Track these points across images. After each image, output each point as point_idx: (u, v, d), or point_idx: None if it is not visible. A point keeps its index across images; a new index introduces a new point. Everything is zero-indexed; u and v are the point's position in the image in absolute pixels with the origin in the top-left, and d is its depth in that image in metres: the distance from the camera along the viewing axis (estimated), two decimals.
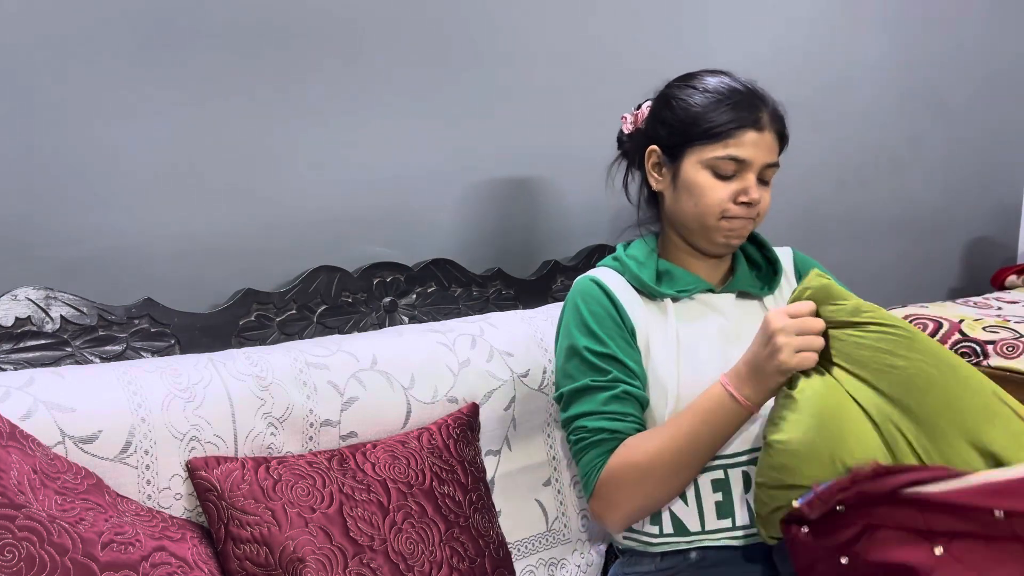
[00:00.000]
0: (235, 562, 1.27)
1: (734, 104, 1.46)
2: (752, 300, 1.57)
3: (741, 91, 1.47)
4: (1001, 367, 2.21)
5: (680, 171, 1.49)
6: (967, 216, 3.00)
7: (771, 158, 1.48)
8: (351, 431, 1.47)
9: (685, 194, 1.49)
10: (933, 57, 2.77)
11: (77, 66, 1.45)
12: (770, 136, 1.47)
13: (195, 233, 1.58)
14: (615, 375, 1.45)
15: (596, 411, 1.44)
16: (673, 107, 1.50)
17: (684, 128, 1.48)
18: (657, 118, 1.53)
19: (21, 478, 1.12)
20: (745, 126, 1.45)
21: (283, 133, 1.65)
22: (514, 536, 1.59)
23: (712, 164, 1.46)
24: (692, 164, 1.48)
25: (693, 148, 1.47)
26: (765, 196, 1.49)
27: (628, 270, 1.53)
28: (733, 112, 1.45)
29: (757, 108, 1.46)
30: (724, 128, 1.45)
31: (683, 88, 1.51)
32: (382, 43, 1.74)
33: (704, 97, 1.47)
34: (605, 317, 1.48)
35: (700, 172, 1.47)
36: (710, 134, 1.45)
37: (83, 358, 1.41)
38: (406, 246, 1.79)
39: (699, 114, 1.47)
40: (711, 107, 1.46)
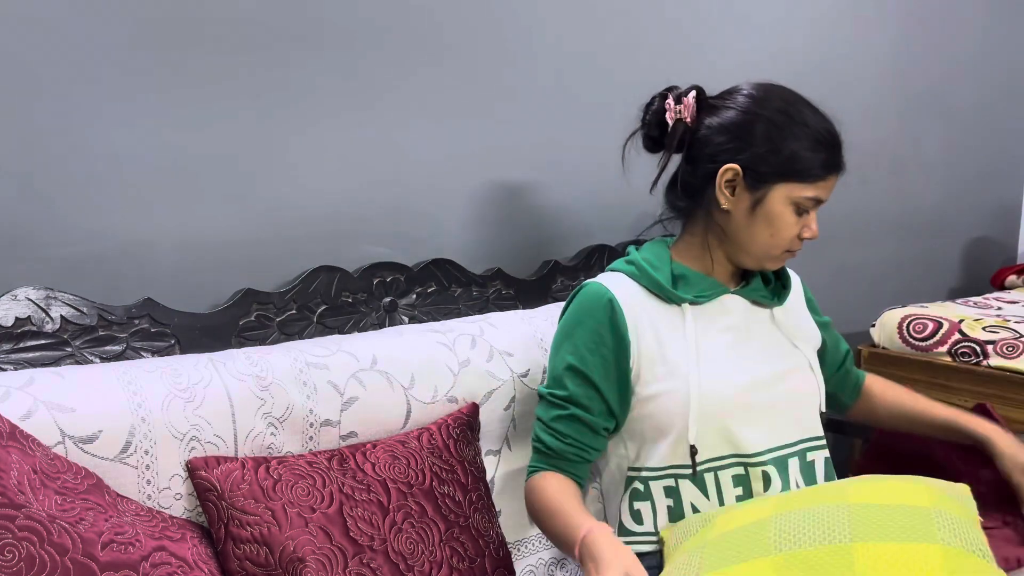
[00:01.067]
0: (235, 562, 1.27)
1: (829, 148, 1.47)
2: (762, 308, 1.58)
3: (832, 130, 1.49)
4: (1001, 367, 2.21)
5: (764, 201, 1.47)
6: (967, 216, 3.00)
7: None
8: (351, 431, 1.47)
9: (763, 224, 1.48)
10: (933, 57, 2.77)
11: (77, 66, 1.45)
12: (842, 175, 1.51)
13: (195, 233, 1.58)
14: (571, 394, 1.47)
15: (544, 422, 1.50)
16: (773, 137, 1.46)
17: (780, 162, 1.45)
18: (748, 139, 1.47)
19: (21, 478, 1.12)
20: (834, 172, 1.48)
21: (283, 133, 1.65)
22: (514, 536, 1.59)
23: (798, 202, 1.47)
24: (779, 198, 1.46)
25: (784, 184, 1.46)
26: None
27: (645, 274, 1.52)
28: (827, 155, 1.47)
29: (840, 149, 1.49)
30: (820, 172, 1.46)
31: (785, 117, 1.47)
32: (382, 43, 1.74)
33: (807, 135, 1.46)
34: (595, 335, 1.48)
35: (786, 208, 1.47)
36: (805, 175, 1.46)
37: (83, 358, 1.41)
38: (406, 246, 1.79)
39: (798, 152, 1.45)
40: (812, 148, 1.46)
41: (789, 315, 1.60)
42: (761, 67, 2.28)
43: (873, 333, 2.44)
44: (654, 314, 1.50)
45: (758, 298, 1.57)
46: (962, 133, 2.91)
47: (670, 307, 1.51)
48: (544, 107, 1.97)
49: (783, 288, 1.60)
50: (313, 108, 1.68)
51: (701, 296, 1.52)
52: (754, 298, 1.57)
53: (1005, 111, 3.04)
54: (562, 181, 2.00)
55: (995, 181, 3.08)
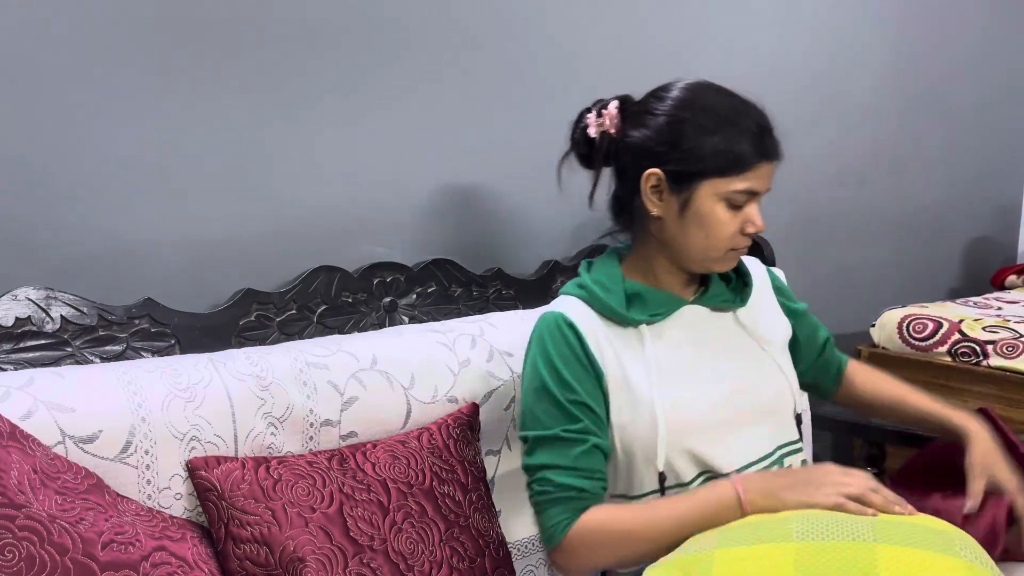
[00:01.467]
0: (235, 562, 1.27)
1: (754, 135, 1.38)
2: (724, 313, 1.52)
3: (754, 116, 1.40)
4: (1001, 367, 2.21)
5: (691, 201, 1.40)
6: (967, 216, 3.00)
7: (770, 183, 1.43)
8: (351, 431, 1.47)
9: (695, 225, 1.41)
10: (933, 57, 2.77)
11: (77, 66, 1.45)
12: (776, 162, 1.42)
13: (195, 233, 1.58)
14: (586, 425, 1.39)
15: (566, 466, 1.38)
16: (686, 133, 1.39)
17: (700, 158, 1.38)
18: (662, 140, 1.41)
19: (21, 478, 1.12)
20: (764, 158, 1.39)
21: (283, 133, 1.65)
22: (514, 536, 1.59)
23: (728, 197, 1.39)
24: (706, 195, 1.39)
25: (710, 180, 1.38)
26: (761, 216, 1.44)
27: (596, 299, 1.45)
28: (752, 143, 1.38)
29: (770, 135, 1.40)
30: (746, 162, 1.37)
31: (695, 111, 1.41)
32: (382, 44, 1.74)
33: (723, 126, 1.38)
34: (573, 360, 1.41)
35: (716, 204, 1.39)
36: (730, 168, 1.37)
37: (83, 358, 1.41)
38: (406, 246, 1.79)
39: (718, 145, 1.37)
40: (732, 138, 1.37)
41: (753, 314, 1.53)
42: (761, 68, 2.28)
43: (873, 333, 2.44)
44: (613, 338, 1.44)
45: (718, 304, 1.50)
46: (962, 133, 2.91)
47: (627, 330, 1.45)
48: (544, 107, 1.97)
49: (745, 286, 1.53)
50: (313, 108, 1.68)
51: (656, 315, 1.46)
52: (714, 304, 1.50)
53: (1005, 111, 3.04)
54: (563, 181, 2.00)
55: (995, 181, 3.08)
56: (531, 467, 1.42)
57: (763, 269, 1.64)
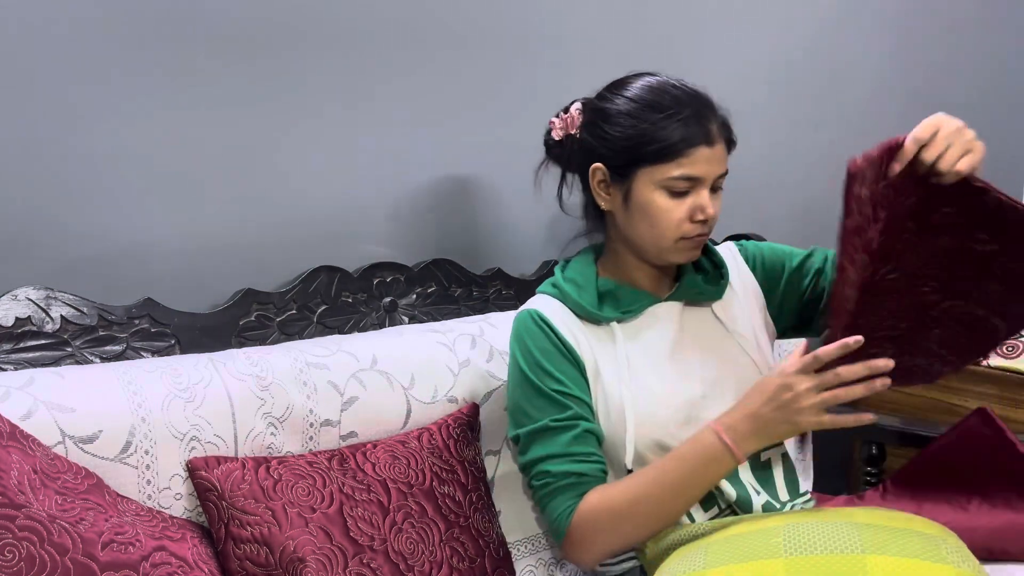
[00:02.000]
0: (235, 562, 1.27)
1: (684, 119, 1.37)
2: (700, 307, 1.51)
3: (686, 102, 1.38)
4: (1001, 367, 2.21)
5: (631, 192, 1.41)
6: None
7: (722, 168, 1.40)
8: (351, 431, 1.47)
9: (638, 216, 1.41)
10: (933, 57, 2.77)
11: (77, 66, 1.45)
12: (720, 147, 1.39)
13: (195, 233, 1.58)
14: (575, 411, 1.41)
15: (560, 453, 1.40)
16: (615, 123, 1.41)
17: (631, 147, 1.39)
18: (597, 134, 1.44)
19: (21, 478, 1.12)
20: (698, 142, 1.37)
21: (283, 133, 1.65)
22: (514, 536, 1.59)
23: (666, 184, 1.38)
24: (644, 185, 1.39)
25: (643, 168, 1.38)
26: (718, 205, 1.42)
27: (568, 297, 1.47)
28: (683, 128, 1.36)
29: (707, 119, 1.38)
30: (677, 147, 1.36)
31: (623, 101, 1.42)
32: (382, 43, 1.74)
33: (650, 112, 1.38)
34: (553, 351, 1.43)
35: (654, 193, 1.39)
36: (662, 154, 1.37)
37: (83, 358, 1.41)
38: (406, 246, 1.79)
39: (647, 131, 1.37)
40: (659, 123, 1.37)
41: (729, 307, 1.52)
42: (760, 68, 2.28)
43: None
44: (587, 334, 1.46)
45: (693, 297, 1.50)
46: None
47: (599, 327, 1.46)
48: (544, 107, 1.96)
49: (720, 277, 1.52)
50: (313, 108, 1.68)
51: (628, 311, 1.46)
52: (688, 299, 1.50)
53: (1004, 111, 3.04)
54: None
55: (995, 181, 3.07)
56: (527, 463, 1.43)
57: (733, 247, 1.60)
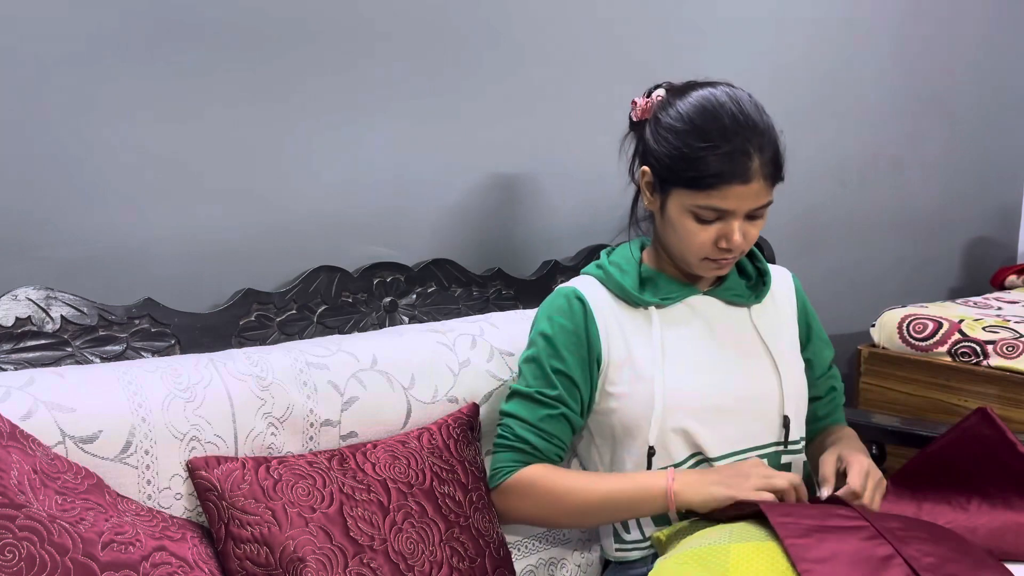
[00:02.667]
0: (235, 562, 1.27)
1: (722, 154, 1.36)
2: (738, 308, 1.55)
3: (730, 134, 1.36)
4: (1001, 367, 2.21)
5: (665, 206, 1.44)
6: (967, 216, 3.00)
7: (759, 203, 1.40)
8: (351, 431, 1.47)
9: (669, 228, 1.46)
10: (933, 57, 2.77)
11: (77, 66, 1.45)
12: (758, 185, 1.38)
13: (195, 233, 1.58)
14: (561, 393, 1.47)
15: (530, 423, 1.48)
16: (663, 136, 1.42)
17: (670, 167, 1.41)
18: (652, 137, 1.45)
19: (21, 478, 1.12)
20: (731, 181, 1.36)
21: (283, 133, 1.65)
22: (514, 536, 1.58)
23: (694, 211, 1.40)
24: (676, 204, 1.42)
25: (677, 188, 1.41)
26: (752, 231, 1.43)
27: (611, 279, 1.51)
28: (719, 163, 1.36)
29: (747, 156, 1.36)
30: (708, 181, 1.37)
31: (676, 115, 1.42)
32: (382, 43, 1.74)
33: (692, 137, 1.38)
34: (572, 335, 1.48)
35: (683, 215, 1.41)
36: (694, 182, 1.38)
37: (83, 358, 1.41)
38: (406, 246, 1.79)
39: (684, 158, 1.38)
40: (698, 152, 1.37)
41: (767, 314, 1.56)
42: (760, 67, 2.28)
43: (873, 333, 2.44)
44: (622, 317, 1.49)
45: (732, 297, 1.54)
46: (962, 133, 2.91)
47: (637, 310, 1.50)
48: (545, 107, 1.97)
49: (763, 285, 1.56)
50: (314, 108, 1.68)
51: (667, 299, 1.50)
52: (728, 298, 1.54)
53: (1005, 112, 3.04)
54: (562, 181, 2.00)
55: (995, 181, 3.08)
56: (502, 412, 1.52)
57: (791, 281, 1.64)
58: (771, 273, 1.59)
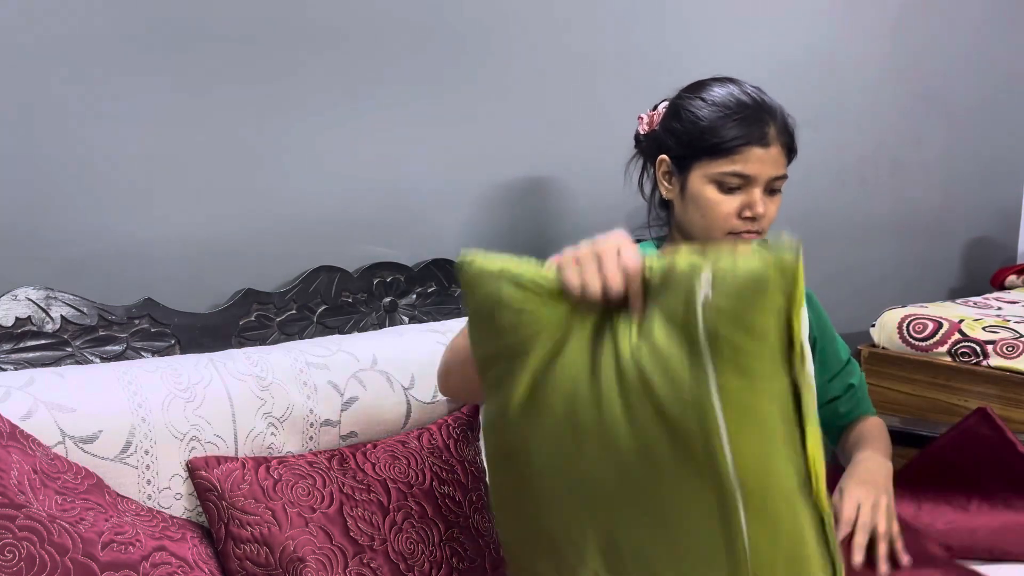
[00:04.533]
0: (235, 562, 1.27)
1: (741, 119, 1.45)
2: None
3: (748, 104, 1.46)
4: (1001, 367, 2.21)
5: (687, 183, 1.49)
6: (967, 216, 3.00)
7: (777, 171, 1.48)
8: (351, 431, 1.47)
9: (692, 206, 1.49)
10: (933, 57, 2.77)
11: (77, 66, 1.45)
12: (776, 150, 1.47)
13: (195, 233, 1.58)
14: None
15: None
16: (681, 118, 1.50)
17: (691, 141, 1.48)
18: (666, 128, 1.53)
19: (21, 478, 1.12)
20: (751, 142, 1.44)
21: (284, 133, 1.65)
22: None
23: (718, 179, 1.46)
24: (698, 177, 1.47)
25: (700, 162, 1.47)
26: (771, 207, 1.49)
27: None
28: (739, 128, 1.45)
29: (764, 123, 1.46)
30: (730, 144, 1.44)
31: (691, 99, 1.51)
32: (383, 43, 1.74)
33: (711, 111, 1.47)
34: None
35: (706, 186, 1.47)
36: (716, 149, 1.45)
37: (83, 358, 1.41)
38: (406, 246, 1.79)
39: (706, 128, 1.46)
40: (717, 122, 1.46)
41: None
42: (760, 68, 2.28)
43: (873, 333, 2.44)
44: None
45: None
46: (962, 133, 2.91)
47: None
48: (546, 108, 1.97)
49: None
50: (314, 108, 1.68)
51: None
52: None
53: (1005, 111, 3.04)
54: (563, 181, 2.00)
55: (995, 181, 3.08)
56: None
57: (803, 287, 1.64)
58: None
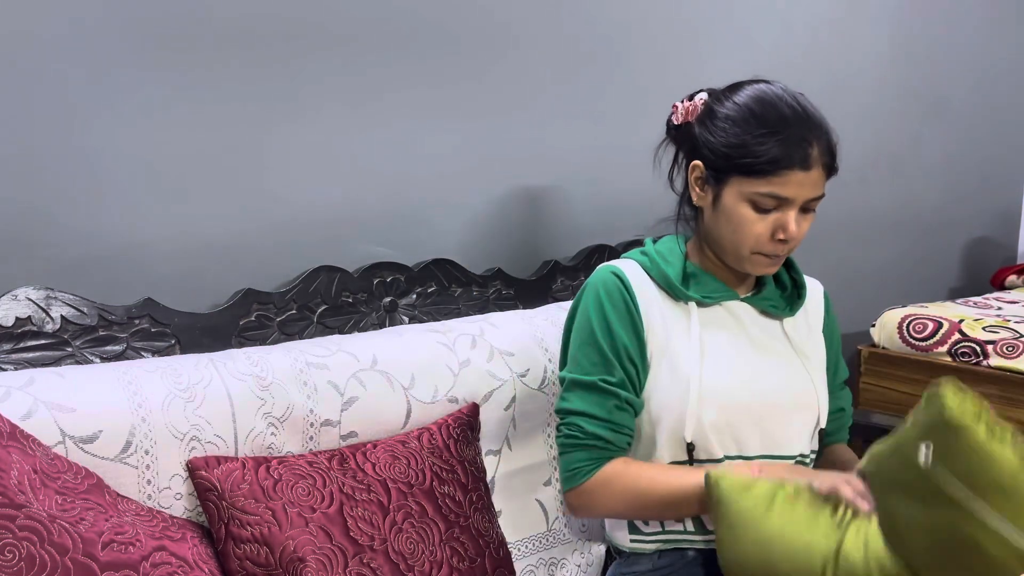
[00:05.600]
0: (235, 562, 1.27)
1: (783, 140, 1.38)
2: (772, 319, 1.54)
3: (791, 122, 1.39)
4: (1001, 367, 2.21)
5: (721, 197, 1.44)
6: (967, 216, 3.00)
7: (816, 193, 1.42)
8: (351, 431, 1.47)
9: (723, 220, 1.44)
10: (933, 57, 2.77)
11: (77, 66, 1.45)
12: (817, 172, 1.40)
13: (195, 233, 1.58)
14: (623, 379, 1.45)
15: (599, 416, 1.45)
16: (718, 127, 1.43)
17: (728, 155, 1.41)
18: (702, 132, 1.46)
19: (21, 478, 1.12)
20: (793, 166, 1.38)
21: (284, 133, 1.65)
22: (514, 536, 1.59)
23: (753, 199, 1.41)
24: (733, 193, 1.42)
25: (735, 177, 1.41)
26: (804, 225, 1.44)
27: (655, 266, 1.50)
28: (780, 148, 1.38)
29: (807, 144, 1.39)
30: (769, 166, 1.38)
31: (730, 106, 1.43)
32: (383, 44, 1.74)
33: (752, 125, 1.40)
34: (624, 311, 1.46)
35: (740, 203, 1.42)
36: (754, 169, 1.39)
37: (83, 358, 1.41)
38: (406, 246, 1.79)
39: (744, 145, 1.39)
40: (758, 139, 1.38)
41: (799, 327, 1.56)
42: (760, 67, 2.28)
43: (873, 333, 2.44)
44: (663, 307, 1.49)
45: (768, 308, 1.54)
46: (962, 133, 2.91)
47: (676, 304, 1.49)
48: (545, 108, 1.97)
49: (798, 297, 1.56)
50: (314, 108, 1.68)
51: (708, 298, 1.50)
52: (763, 307, 1.54)
53: (1005, 111, 3.04)
54: (562, 181, 2.00)
55: (995, 181, 3.08)
56: (566, 410, 1.48)
57: (821, 295, 1.64)
58: (807, 286, 1.58)
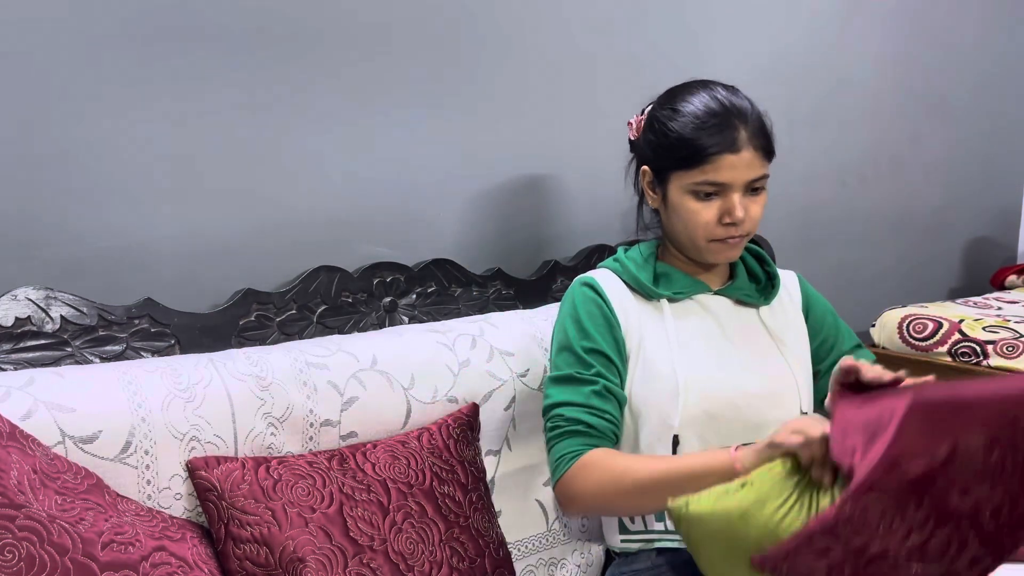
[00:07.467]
0: (235, 562, 1.27)
1: (709, 129, 1.45)
2: (748, 308, 1.59)
3: (717, 112, 1.47)
4: (1001, 367, 2.21)
5: (668, 194, 1.52)
6: (967, 216, 2.99)
7: (753, 174, 1.48)
8: (351, 431, 1.47)
9: (675, 215, 1.52)
10: (933, 57, 2.77)
11: (77, 65, 1.45)
12: (749, 154, 1.47)
13: (195, 233, 1.58)
14: (598, 370, 1.48)
15: (578, 403, 1.48)
16: (655, 130, 1.52)
17: (665, 154, 1.50)
18: (645, 139, 1.55)
19: (21, 478, 1.12)
20: (721, 151, 1.45)
21: (284, 133, 1.65)
22: (514, 536, 1.59)
23: (693, 189, 1.48)
24: (676, 189, 1.50)
25: (675, 173, 1.49)
26: (754, 208, 1.50)
27: (627, 271, 1.56)
28: (708, 137, 1.45)
29: (733, 129, 1.46)
30: (700, 155, 1.45)
31: (663, 110, 1.52)
32: (383, 43, 1.74)
33: (680, 122, 1.48)
34: (597, 314, 1.52)
35: (684, 197, 1.49)
36: (688, 161, 1.47)
37: (83, 358, 1.41)
38: (406, 246, 1.79)
39: (676, 140, 1.48)
40: (687, 132, 1.47)
41: (776, 315, 1.60)
42: (760, 67, 2.28)
43: (873, 333, 2.44)
44: (637, 308, 1.54)
45: (742, 297, 1.59)
46: (962, 133, 2.91)
47: (650, 303, 1.55)
48: (545, 107, 1.97)
49: (772, 287, 1.61)
50: (314, 108, 1.68)
51: (679, 293, 1.55)
52: (738, 297, 1.58)
53: (1005, 111, 3.04)
54: (562, 181, 2.00)
55: (995, 181, 3.08)
56: (547, 407, 1.51)
57: (796, 278, 1.68)
58: (780, 276, 1.63)
